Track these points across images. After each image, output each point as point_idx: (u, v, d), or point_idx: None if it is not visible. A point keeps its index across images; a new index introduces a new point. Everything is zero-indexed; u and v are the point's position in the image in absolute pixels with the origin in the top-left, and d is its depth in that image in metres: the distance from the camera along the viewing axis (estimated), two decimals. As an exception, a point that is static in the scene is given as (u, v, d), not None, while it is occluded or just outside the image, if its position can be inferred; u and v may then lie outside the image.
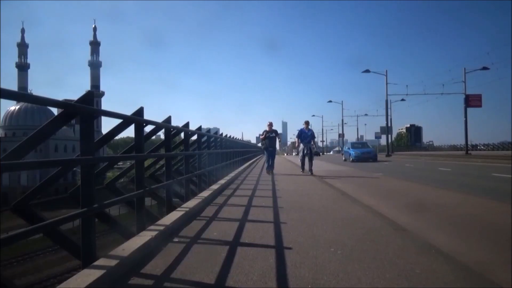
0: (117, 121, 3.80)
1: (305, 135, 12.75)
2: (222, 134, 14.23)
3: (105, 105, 79.89)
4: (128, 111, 3.97)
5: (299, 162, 13.55)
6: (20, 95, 3.68)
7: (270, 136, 12.82)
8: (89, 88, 72.87)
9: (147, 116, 4.14)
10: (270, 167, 12.87)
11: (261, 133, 13.21)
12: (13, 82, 75.92)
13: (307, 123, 13.09)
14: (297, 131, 13.19)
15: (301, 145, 12.87)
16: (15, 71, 76.51)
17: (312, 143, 12.92)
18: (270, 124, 12.89)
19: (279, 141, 13.45)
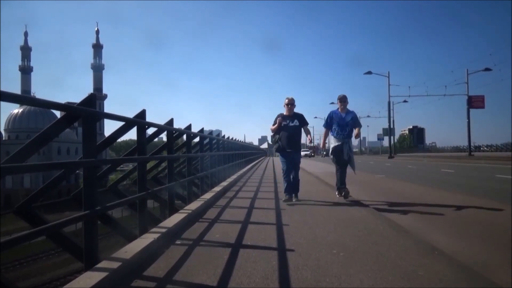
0: (120, 124, 3.81)
1: (342, 121, 6.64)
2: (224, 136, 14.25)
3: (107, 106, 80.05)
4: (130, 113, 3.98)
5: (307, 167, 10.86)
6: (23, 98, 3.70)
7: (289, 126, 6.44)
8: (91, 91, 73.12)
9: (149, 118, 4.15)
10: (290, 188, 6.52)
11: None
12: (16, 85, 76.25)
13: (342, 100, 6.76)
14: (327, 116, 7.03)
15: (332, 142, 6.74)
16: (18, 74, 76.90)
17: (353, 136, 6.74)
18: (290, 103, 6.52)
19: (310, 139, 6.98)
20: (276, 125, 6.49)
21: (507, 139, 47.67)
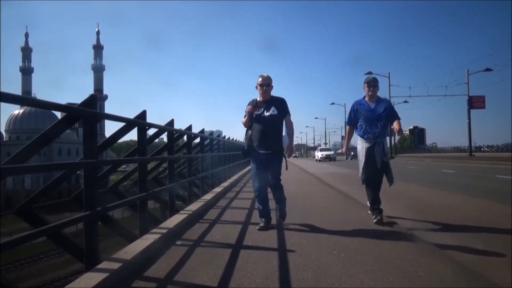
0: (120, 124, 3.82)
1: (371, 114, 4.69)
2: (224, 136, 14.26)
3: (108, 107, 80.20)
4: (131, 113, 3.99)
5: (308, 167, 10.23)
6: (23, 99, 3.71)
7: (263, 117, 4.37)
8: (92, 92, 73.19)
9: (149, 118, 4.16)
10: (267, 211, 4.46)
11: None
12: (17, 86, 76.41)
13: (371, 83, 4.74)
14: (350, 109, 4.97)
15: (359, 144, 4.82)
16: (19, 75, 77.05)
17: (388, 132, 4.91)
18: (264, 83, 4.39)
19: (291, 150, 4.67)
20: (246, 117, 4.44)
21: (508, 139, 47.65)
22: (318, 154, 37.26)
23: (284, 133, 4.58)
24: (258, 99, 4.47)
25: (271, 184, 4.51)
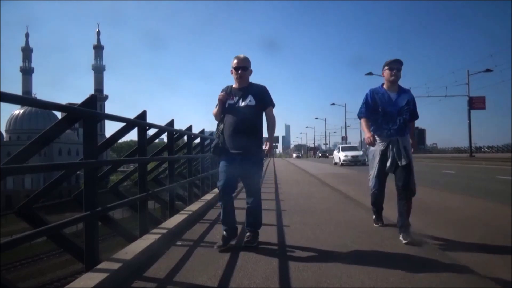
0: (121, 125, 3.82)
1: (390, 106, 3.80)
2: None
3: (108, 107, 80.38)
4: (131, 113, 3.99)
5: (309, 168, 9.90)
6: (24, 99, 3.72)
7: (238, 107, 3.51)
8: (92, 92, 73.22)
9: (149, 119, 4.16)
10: (229, 219, 3.61)
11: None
12: (17, 86, 76.57)
13: (393, 65, 3.81)
14: (364, 98, 3.97)
15: (377, 142, 3.88)
16: (19, 75, 77.15)
17: (410, 130, 3.90)
18: (240, 65, 3.55)
19: (271, 133, 3.68)
20: (218, 108, 3.59)
21: (508, 140, 47.58)
22: (340, 156, 24.04)
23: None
24: (233, 86, 3.68)
25: (246, 190, 3.73)
